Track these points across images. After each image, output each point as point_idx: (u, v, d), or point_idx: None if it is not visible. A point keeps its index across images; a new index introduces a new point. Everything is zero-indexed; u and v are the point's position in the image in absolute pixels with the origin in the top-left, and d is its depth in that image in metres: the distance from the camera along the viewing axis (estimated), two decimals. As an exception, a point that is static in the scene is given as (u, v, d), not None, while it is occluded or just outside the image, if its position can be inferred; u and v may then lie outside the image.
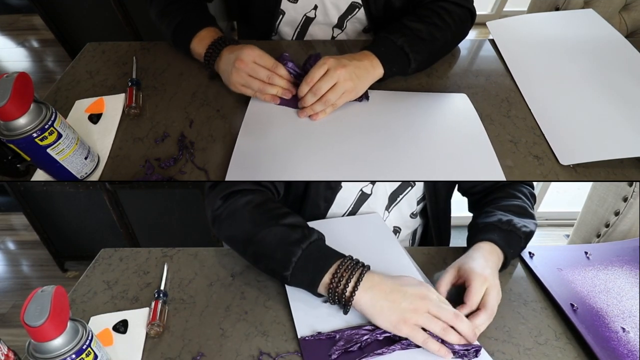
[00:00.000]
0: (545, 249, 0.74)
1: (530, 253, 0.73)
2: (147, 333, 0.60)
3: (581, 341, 0.58)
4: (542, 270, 0.69)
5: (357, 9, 0.83)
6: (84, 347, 0.46)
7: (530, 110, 0.70)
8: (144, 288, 0.67)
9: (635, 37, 1.29)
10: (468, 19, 0.78)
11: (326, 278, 0.57)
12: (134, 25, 1.72)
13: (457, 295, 0.60)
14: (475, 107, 0.71)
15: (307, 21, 0.85)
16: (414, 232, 0.86)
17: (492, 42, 0.86)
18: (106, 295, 0.66)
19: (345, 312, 0.59)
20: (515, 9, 2.62)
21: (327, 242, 0.63)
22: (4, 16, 2.58)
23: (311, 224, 0.66)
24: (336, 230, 0.71)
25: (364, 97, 0.70)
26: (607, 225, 1.15)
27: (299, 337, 0.58)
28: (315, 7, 0.83)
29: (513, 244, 0.65)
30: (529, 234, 0.67)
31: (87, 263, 0.73)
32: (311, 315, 0.60)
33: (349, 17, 0.84)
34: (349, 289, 0.56)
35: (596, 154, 0.61)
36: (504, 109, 0.71)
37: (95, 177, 0.61)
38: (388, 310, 0.55)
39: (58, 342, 0.45)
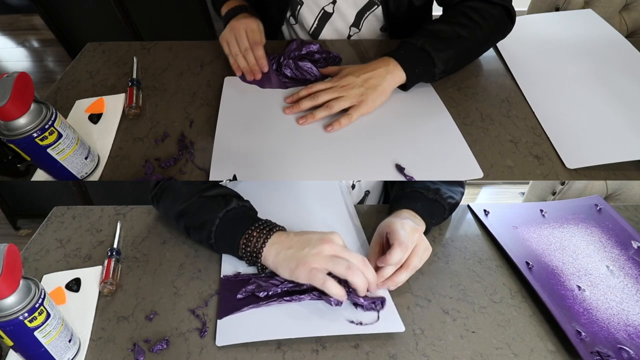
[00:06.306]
0: (501, 207, 0.74)
1: (485, 211, 0.73)
2: (100, 291, 0.59)
3: (536, 299, 0.58)
4: (497, 228, 0.69)
5: (376, 6, 0.82)
6: (37, 306, 0.45)
7: (531, 110, 0.70)
8: (97, 246, 0.67)
9: (635, 37, 1.29)
10: (503, 16, 0.75)
11: (241, 241, 0.59)
12: (134, 25, 1.72)
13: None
14: (476, 107, 0.71)
15: (325, 17, 0.84)
16: None
17: (492, 42, 0.86)
18: (59, 253, 0.66)
19: (259, 271, 0.61)
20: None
21: (283, 199, 0.71)
22: (4, 16, 2.58)
23: None
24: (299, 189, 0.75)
25: None
26: (562, 183, 1.15)
27: (221, 276, 0.60)
28: (334, 1, 0.82)
29: (436, 214, 0.65)
30: (454, 206, 0.67)
31: (40, 221, 0.73)
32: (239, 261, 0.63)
33: (367, 14, 0.83)
34: (258, 246, 0.58)
35: (602, 157, 0.60)
36: (504, 109, 0.71)
37: (95, 176, 0.61)
38: (289, 258, 0.56)
39: (10, 301, 0.44)
